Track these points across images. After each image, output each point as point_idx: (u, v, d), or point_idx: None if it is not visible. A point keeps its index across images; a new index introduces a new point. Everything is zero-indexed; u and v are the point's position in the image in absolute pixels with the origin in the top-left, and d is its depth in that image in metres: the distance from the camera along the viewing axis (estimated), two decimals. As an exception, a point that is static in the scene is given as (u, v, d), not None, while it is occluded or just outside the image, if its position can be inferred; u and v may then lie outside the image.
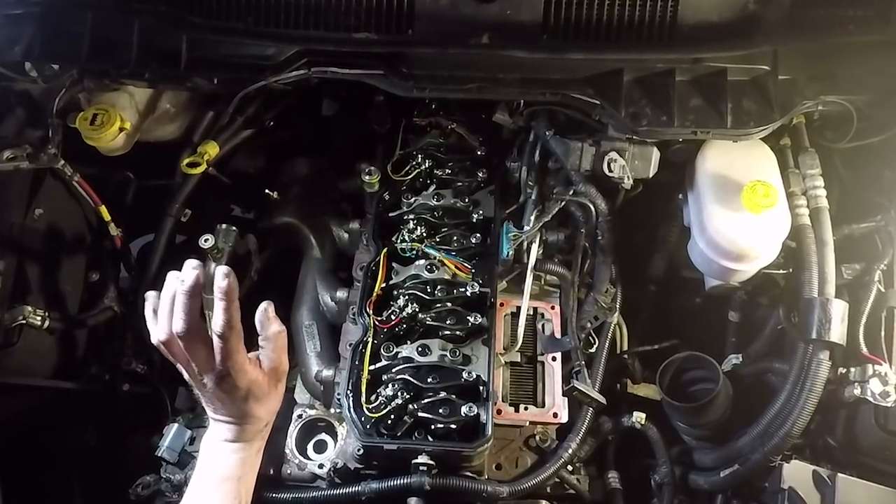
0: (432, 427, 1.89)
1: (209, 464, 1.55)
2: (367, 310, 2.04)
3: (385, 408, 1.87)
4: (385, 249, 2.15)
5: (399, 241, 2.16)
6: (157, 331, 1.52)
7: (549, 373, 2.10)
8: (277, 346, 1.59)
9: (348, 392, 1.92)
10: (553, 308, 2.21)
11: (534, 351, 2.15)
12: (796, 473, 1.80)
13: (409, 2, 2.09)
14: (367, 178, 2.24)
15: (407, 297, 2.03)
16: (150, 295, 1.57)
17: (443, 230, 2.19)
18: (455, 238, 2.17)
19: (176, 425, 2.07)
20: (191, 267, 1.49)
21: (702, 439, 2.05)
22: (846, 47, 2.05)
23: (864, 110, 2.02)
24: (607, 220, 2.18)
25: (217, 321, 1.47)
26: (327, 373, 2.07)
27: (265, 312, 1.57)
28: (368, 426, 1.87)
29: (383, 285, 2.09)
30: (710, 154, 2.12)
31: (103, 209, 2.36)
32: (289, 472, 1.98)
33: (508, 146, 2.36)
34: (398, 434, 1.89)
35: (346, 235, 2.40)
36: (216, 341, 1.48)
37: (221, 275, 1.47)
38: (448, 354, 1.95)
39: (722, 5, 2.06)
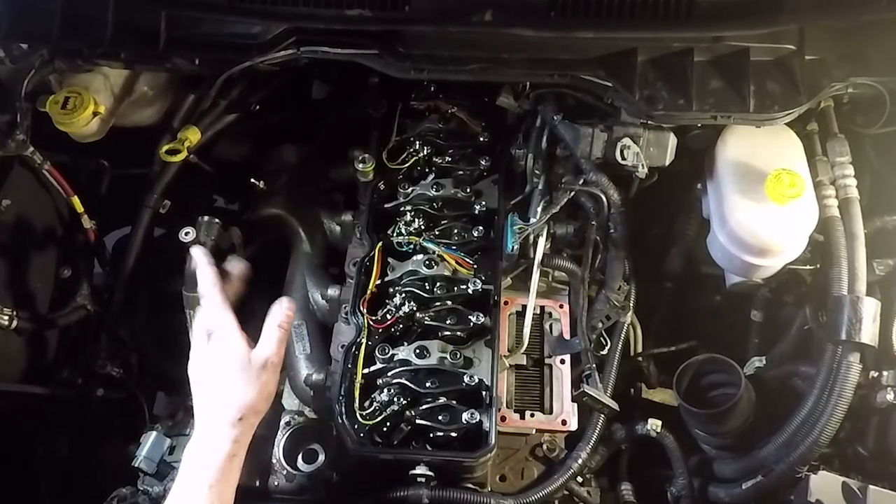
0: (431, 435, 1.88)
1: (181, 471, 1.55)
2: (361, 309, 2.03)
3: (380, 414, 1.86)
4: (380, 243, 2.14)
5: (395, 234, 2.15)
6: None
7: (558, 377, 2.10)
8: (272, 333, 1.67)
9: (340, 397, 1.91)
10: (561, 307, 2.21)
11: (541, 353, 2.15)
12: (824, 485, 1.79)
13: (406, -24, 2.09)
14: (360, 166, 2.23)
15: (404, 294, 2.02)
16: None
17: (442, 223, 2.19)
18: (456, 231, 2.16)
19: (154, 433, 2.06)
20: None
21: (722, 448, 2.05)
22: (878, 25, 2.04)
23: (898, 93, 2.02)
24: (620, 211, 2.17)
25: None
26: (318, 377, 2.06)
27: (282, 304, 1.72)
28: (362, 434, 1.86)
29: (378, 282, 2.08)
30: (732, 140, 2.12)
31: (76, 200, 2.35)
32: (276, 483, 1.97)
33: (513, 132, 2.35)
34: (394, 443, 1.88)
35: (337, 228, 2.39)
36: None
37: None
38: (448, 357, 1.94)
39: (744, -21, 2.06)
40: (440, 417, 1.86)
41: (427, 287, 2.05)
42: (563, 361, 2.12)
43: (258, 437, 1.66)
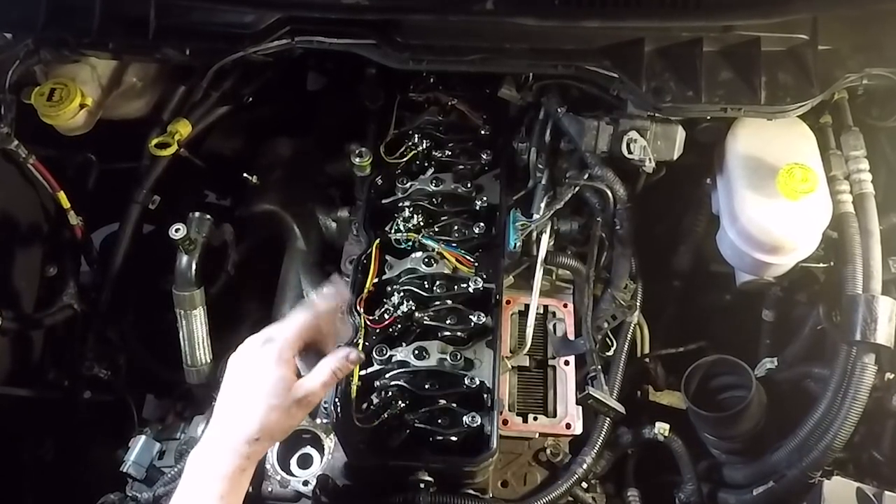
0: (431, 439, 1.88)
1: (185, 481, 1.54)
2: (358, 308, 2.02)
3: (378, 418, 1.86)
4: (377, 240, 2.14)
5: (393, 231, 2.15)
6: None
7: (562, 379, 2.10)
8: (323, 373, 1.59)
9: (336, 400, 1.90)
10: (566, 306, 2.21)
11: (544, 354, 2.15)
12: (838, 491, 1.79)
13: (404, -38, 2.09)
14: (357, 160, 2.23)
15: (402, 293, 2.02)
16: None
17: (442, 219, 2.18)
18: (456, 227, 2.15)
19: (143, 437, 2.06)
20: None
21: (732, 453, 2.04)
22: (894, 14, 2.04)
23: (914, 85, 2.02)
24: (626, 207, 2.17)
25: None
26: (313, 378, 2.06)
27: (349, 355, 1.60)
28: (359, 438, 1.86)
29: (375, 281, 2.07)
30: (742, 133, 2.11)
31: (62, 195, 2.35)
32: (270, 489, 1.97)
33: (516, 125, 2.35)
34: (393, 447, 1.88)
35: (333, 225, 2.40)
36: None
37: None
38: (448, 358, 1.94)
39: (756, -34, 2.06)
40: (440, 421, 1.86)
41: (426, 286, 2.05)
42: (567, 363, 2.11)
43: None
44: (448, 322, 1.99)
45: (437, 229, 2.15)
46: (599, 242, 2.20)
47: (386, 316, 2.00)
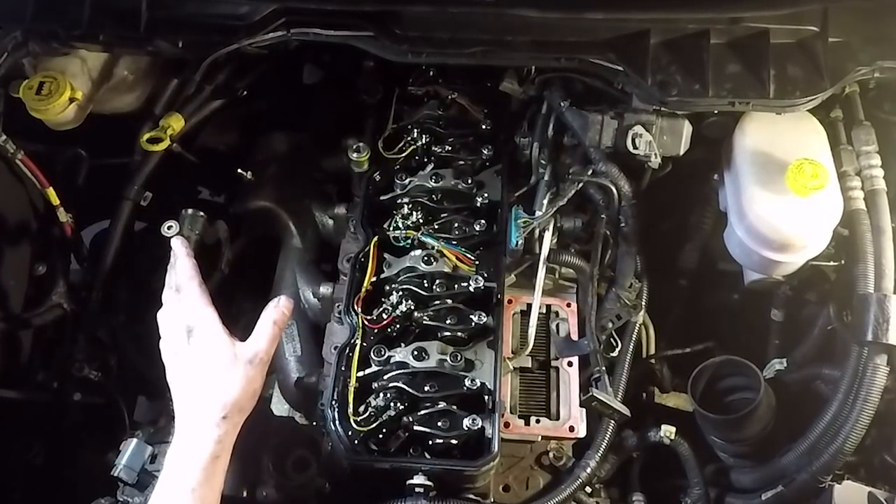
0: (430, 442, 1.88)
1: (162, 474, 1.54)
2: (355, 307, 2.02)
3: (376, 420, 1.86)
4: (375, 238, 2.14)
5: (392, 228, 2.15)
6: None
7: (565, 380, 2.10)
8: (265, 329, 1.65)
9: (333, 402, 1.90)
10: (569, 305, 2.21)
11: (547, 355, 2.15)
12: (849, 496, 1.79)
13: (403, -48, 2.08)
14: (354, 155, 2.22)
15: (401, 292, 2.02)
16: None
17: (442, 216, 2.18)
18: (456, 225, 2.15)
19: (135, 441, 2.05)
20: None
21: (740, 456, 2.04)
22: (907, 5, 2.04)
23: (927, 78, 2.01)
24: (631, 204, 2.17)
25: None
26: (309, 380, 2.06)
27: (280, 302, 1.70)
28: (356, 441, 1.86)
29: (373, 279, 2.07)
30: (750, 128, 2.11)
31: (51, 192, 2.34)
32: (265, 493, 1.97)
33: (518, 119, 2.36)
34: (391, 450, 1.87)
35: (330, 222, 2.39)
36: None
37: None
38: (448, 359, 1.94)
39: (764, -44, 2.05)
40: (440, 423, 1.86)
41: (426, 284, 2.04)
42: (570, 364, 2.11)
43: (246, 440, 1.65)
44: (448, 322, 1.98)
45: (436, 227, 2.15)
46: (604, 240, 2.19)
47: (384, 316, 1.99)
